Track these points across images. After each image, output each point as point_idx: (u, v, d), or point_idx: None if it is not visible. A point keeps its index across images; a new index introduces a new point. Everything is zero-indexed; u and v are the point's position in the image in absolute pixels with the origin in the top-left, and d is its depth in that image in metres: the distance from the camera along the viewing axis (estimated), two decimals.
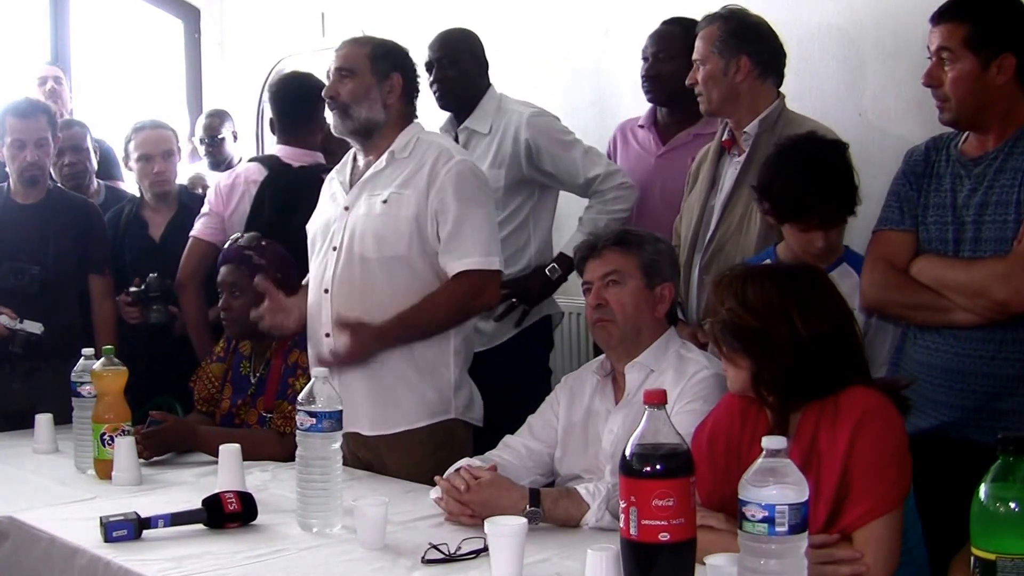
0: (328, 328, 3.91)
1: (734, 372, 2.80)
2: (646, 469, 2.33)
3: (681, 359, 3.39)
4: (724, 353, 2.81)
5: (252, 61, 7.65)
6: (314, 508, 3.14)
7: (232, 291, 4.27)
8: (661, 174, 4.70)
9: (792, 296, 2.74)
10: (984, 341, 3.24)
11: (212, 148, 6.63)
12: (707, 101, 4.07)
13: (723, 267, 3.85)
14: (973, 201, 3.29)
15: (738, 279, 2.81)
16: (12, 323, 4.71)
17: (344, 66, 3.96)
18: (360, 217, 3.90)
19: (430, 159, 3.91)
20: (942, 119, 3.36)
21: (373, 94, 3.94)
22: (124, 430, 3.82)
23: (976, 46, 3.23)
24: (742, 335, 2.74)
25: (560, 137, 4.86)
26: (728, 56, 4.01)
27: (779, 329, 2.71)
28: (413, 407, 3.91)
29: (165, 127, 5.43)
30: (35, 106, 5.03)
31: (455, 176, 3.88)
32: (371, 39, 4.08)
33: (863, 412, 2.65)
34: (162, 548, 3.00)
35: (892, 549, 2.62)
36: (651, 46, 4.72)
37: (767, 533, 2.20)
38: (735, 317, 2.75)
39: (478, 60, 5.01)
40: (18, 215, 4.94)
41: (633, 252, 3.44)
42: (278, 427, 4.07)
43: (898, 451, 2.66)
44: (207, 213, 5.07)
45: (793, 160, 3.59)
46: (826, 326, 2.73)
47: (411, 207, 3.85)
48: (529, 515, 2.98)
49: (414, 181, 3.88)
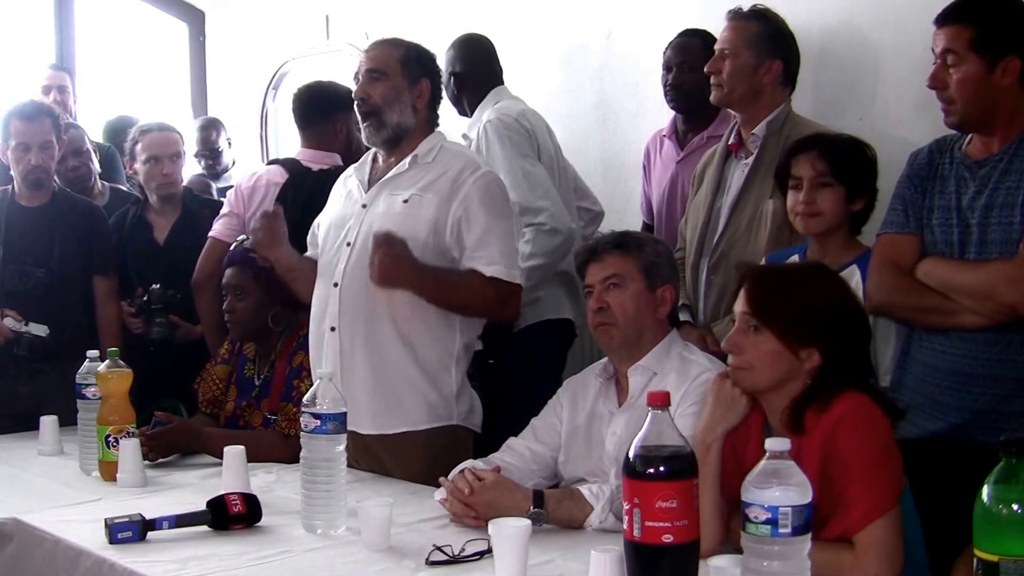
0: (334, 322, 3.90)
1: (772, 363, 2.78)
2: (649, 471, 2.33)
3: (684, 361, 3.39)
4: (782, 346, 2.76)
5: (256, 64, 7.66)
6: (318, 510, 3.14)
7: (237, 293, 4.28)
8: (681, 180, 4.72)
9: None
10: (991, 343, 3.24)
11: (212, 160, 6.65)
12: (726, 93, 4.10)
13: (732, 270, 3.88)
14: (978, 203, 3.28)
15: (807, 272, 2.86)
16: (17, 325, 4.72)
17: (376, 68, 3.95)
18: (379, 215, 3.89)
19: (455, 167, 3.90)
20: (947, 122, 3.36)
21: (404, 98, 3.94)
22: (129, 432, 3.82)
23: (981, 48, 3.23)
24: (824, 323, 2.75)
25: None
26: (763, 56, 4.06)
27: (854, 322, 2.79)
28: (416, 408, 3.89)
29: (172, 129, 5.43)
30: (40, 109, 5.03)
31: (483, 187, 3.89)
32: (403, 42, 4.05)
33: (842, 414, 2.66)
34: (167, 550, 3.00)
35: (895, 549, 2.62)
36: (675, 56, 4.74)
37: (770, 534, 2.20)
38: (822, 305, 2.77)
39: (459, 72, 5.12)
40: (23, 218, 4.95)
41: (633, 255, 3.44)
42: (283, 429, 4.07)
43: (886, 451, 2.67)
44: (227, 214, 5.07)
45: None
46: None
47: (431, 210, 3.85)
48: (533, 516, 2.99)
49: (436, 186, 3.88)
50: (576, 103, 5.57)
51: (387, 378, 3.88)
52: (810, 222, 3.64)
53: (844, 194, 3.62)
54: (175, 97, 8.02)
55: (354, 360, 3.88)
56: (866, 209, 3.67)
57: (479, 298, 3.88)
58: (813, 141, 3.72)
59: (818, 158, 3.63)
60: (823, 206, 3.61)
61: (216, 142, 6.68)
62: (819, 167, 3.62)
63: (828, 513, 2.62)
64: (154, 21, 8.01)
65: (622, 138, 5.36)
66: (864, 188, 3.65)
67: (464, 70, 5.12)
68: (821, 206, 3.61)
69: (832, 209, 3.62)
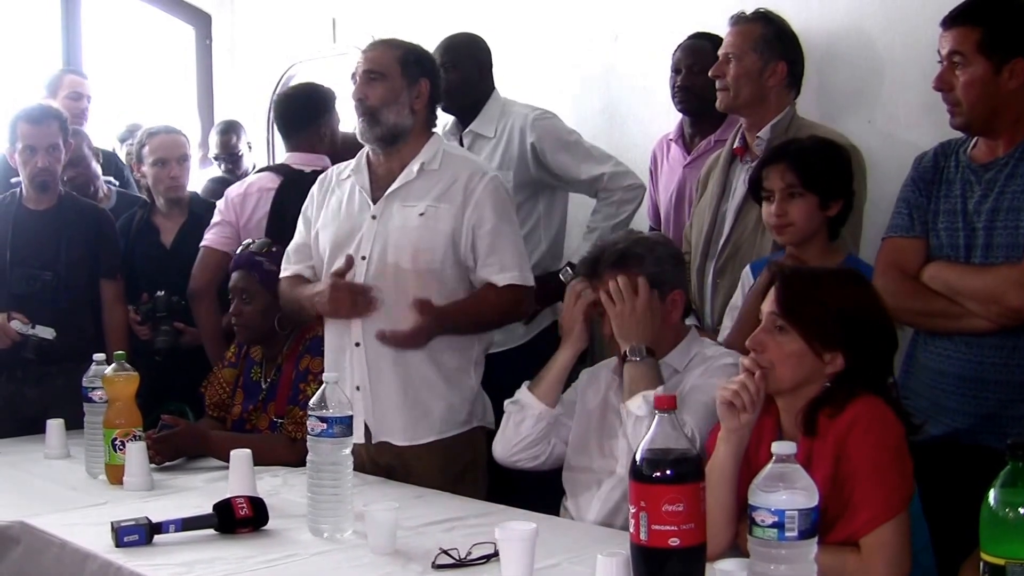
0: (359, 338, 3.89)
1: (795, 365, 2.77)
2: (656, 474, 2.34)
3: (705, 357, 3.42)
4: (807, 347, 2.76)
5: (263, 67, 7.66)
6: (325, 513, 3.14)
7: (243, 297, 4.28)
8: (688, 184, 4.70)
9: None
10: (996, 347, 3.23)
11: (231, 164, 6.64)
12: (732, 97, 4.10)
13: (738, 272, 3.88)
14: (984, 207, 3.27)
15: (839, 276, 2.89)
16: (24, 328, 4.72)
17: (374, 69, 3.94)
18: (395, 229, 3.89)
19: (464, 174, 3.91)
20: (953, 123, 3.36)
21: (402, 98, 3.92)
22: (135, 435, 3.83)
23: (989, 50, 3.23)
24: (850, 328, 2.75)
25: (565, 137, 4.89)
26: (768, 58, 4.07)
27: (880, 329, 2.81)
28: (442, 416, 3.92)
29: (180, 132, 5.43)
30: (47, 112, 5.03)
31: (492, 191, 3.91)
32: (402, 43, 4.05)
33: (855, 417, 2.66)
34: (173, 553, 3.01)
35: (902, 553, 2.61)
36: (684, 59, 4.73)
37: (777, 538, 2.21)
38: (850, 309, 2.77)
39: (480, 64, 5.06)
40: (31, 221, 4.95)
41: (635, 272, 3.44)
42: (289, 432, 4.07)
43: (897, 454, 2.66)
44: (219, 223, 5.07)
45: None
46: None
47: (448, 222, 3.86)
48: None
49: (449, 195, 3.88)
50: (583, 106, 5.56)
51: (414, 390, 3.90)
52: (783, 233, 3.64)
53: (816, 202, 3.59)
54: (182, 100, 8.01)
55: (381, 374, 3.89)
56: (843, 212, 3.65)
57: (496, 313, 3.97)
58: (782, 151, 3.70)
59: (787, 169, 3.61)
60: (794, 217, 3.59)
61: (236, 146, 6.67)
62: (788, 178, 3.60)
63: (837, 515, 2.62)
64: (160, 24, 8.01)
65: (629, 141, 5.34)
66: (838, 192, 3.62)
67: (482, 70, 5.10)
68: (792, 217, 3.59)
69: (804, 219, 3.60)
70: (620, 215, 4.80)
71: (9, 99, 6.30)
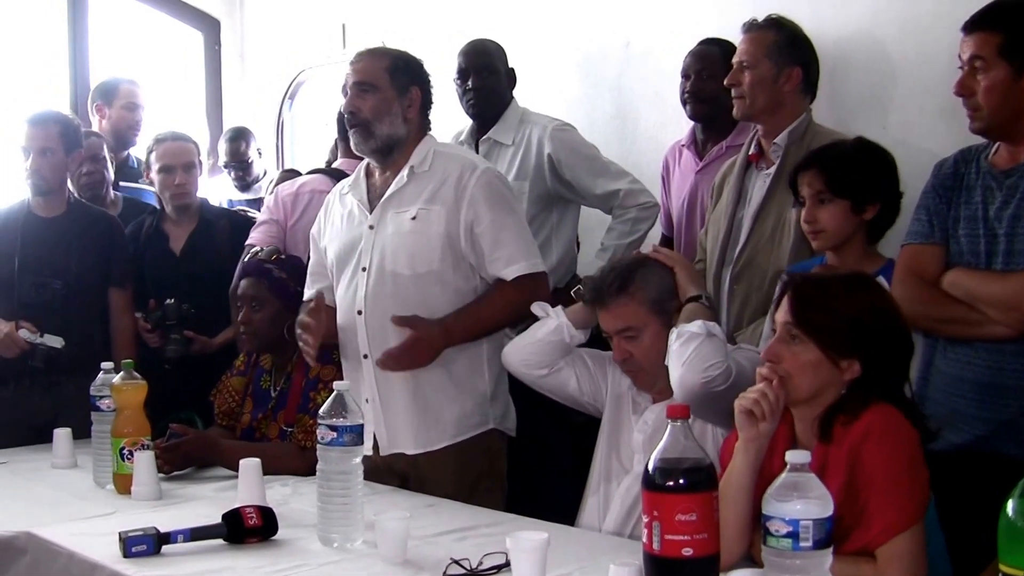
0: (365, 349, 3.90)
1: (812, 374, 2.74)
2: (669, 484, 2.33)
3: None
4: (823, 356, 2.74)
5: (272, 73, 7.67)
6: (335, 522, 3.12)
7: (252, 304, 4.27)
8: (700, 190, 4.70)
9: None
10: (1017, 355, 3.21)
11: (241, 171, 6.63)
12: (749, 105, 4.08)
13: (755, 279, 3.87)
14: (1005, 213, 3.25)
15: (852, 282, 2.85)
16: (33, 337, 4.71)
17: (364, 80, 3.92)
18: (389, 236, 3.88)
19: (454, 172, 3.88)
20: (973, 128, 3.34)
21: (394, 109, 3.91)
22: (144, 444, 3.81)
23: (1010, 55, 3.21)
24: (866, 334, 2.73)
25: (582, 151, 4.89)
26: (782, 64, 4.05)
27: (896, 334, 2.78)
28: (454, 420, 3.91)
29: (187, 139, 5.41)
30: (48, 116, 5.02)
31: (485, 186, 3.87)
32: (388, 51, 4.04)
33: (870, 425, 2.63)
34: (182, 563, 2.99)
35: (918, 564, 2.59)
36: (694, 64, 4.72)
37: (791, 548, 2.19)
38: (865, 316, 2.75)
39: (509, 72, 5.07)
40: (41, 230, 4.94)
41: (638, 297, 3.45)
42: (299, 441, 4.05)
43: (912, 464, 2.63)
44: (266, 221, 5.06)
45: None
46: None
47: (441, 223, 3.84)
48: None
49: (440, 196, 3.86)
50: (594, 112, 5.55)
51: (424, 397, 3.89)
52: (816, 239, 3.64)
53: (848, 207, 3.57)
54: (190, 107, 8.01)
55: (390, 384, 3.89)
56: (883, 215, 3.63)
57: (510, 309, 3.90)
58: (814, 157, 3.69)
59: (816, 176, 3.61)
60: (825, 223, 3.59)
61: (245, 153, 6.67)
62: (816, 185, 3.60)
63: (851, 525, 2.59)
64: (169, 30, 8.01)
65: (641, 147, 5.34)
66: (874, 195, 3.60)
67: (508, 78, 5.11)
68: (823, 223, 3.59)
69: (835, 224, 3.58)
70: (635, 233, 4.79)
71: (16, 105, 6.31)
